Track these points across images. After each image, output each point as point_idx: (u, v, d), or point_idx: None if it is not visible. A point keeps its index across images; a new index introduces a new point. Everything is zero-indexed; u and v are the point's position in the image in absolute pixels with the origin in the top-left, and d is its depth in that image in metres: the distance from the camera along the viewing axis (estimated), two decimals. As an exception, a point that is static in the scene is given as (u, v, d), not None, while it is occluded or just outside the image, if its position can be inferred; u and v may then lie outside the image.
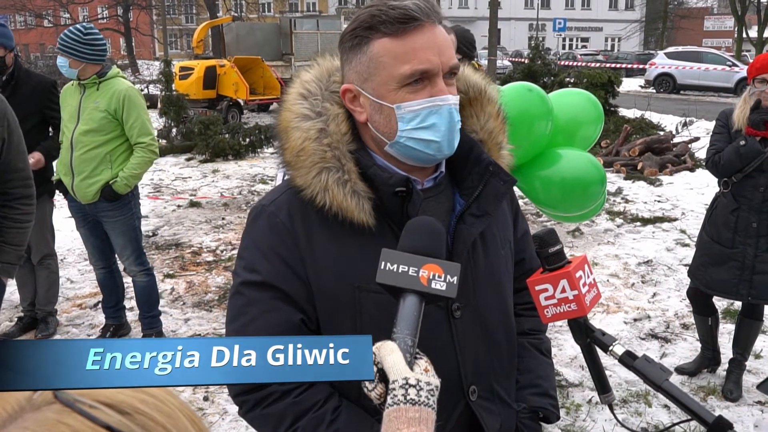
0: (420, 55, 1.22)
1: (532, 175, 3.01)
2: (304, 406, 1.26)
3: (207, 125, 12.14)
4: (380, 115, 1.28)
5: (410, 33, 1.22)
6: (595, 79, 12.75)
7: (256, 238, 1.35)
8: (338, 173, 1.26)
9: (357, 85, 1.28)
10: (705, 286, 3.94)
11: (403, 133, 1.26)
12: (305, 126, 1.29)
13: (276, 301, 1.30)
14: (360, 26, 1.25)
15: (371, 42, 1.24)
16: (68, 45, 4.02)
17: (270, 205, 1.35)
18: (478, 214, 1.35)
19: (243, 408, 1.31)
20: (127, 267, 4.47)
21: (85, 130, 4.09)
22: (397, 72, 1.23)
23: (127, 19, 43.48)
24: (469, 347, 1.36)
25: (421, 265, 1.04)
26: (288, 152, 1.31)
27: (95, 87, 4.13)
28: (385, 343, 0.99)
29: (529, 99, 2.93)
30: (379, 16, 1.22)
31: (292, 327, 1.29)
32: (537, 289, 1.30)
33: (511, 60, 34.16)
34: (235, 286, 1.35)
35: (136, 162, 4.17)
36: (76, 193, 4.21)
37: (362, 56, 1.26)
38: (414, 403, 0.93)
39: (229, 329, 1.34)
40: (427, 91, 1.24)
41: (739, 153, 3.67)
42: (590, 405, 3.87)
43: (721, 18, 50.07)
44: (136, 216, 4.40)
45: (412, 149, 1.28)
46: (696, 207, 8.18)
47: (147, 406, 0.58)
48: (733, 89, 23.49)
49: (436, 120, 1.25)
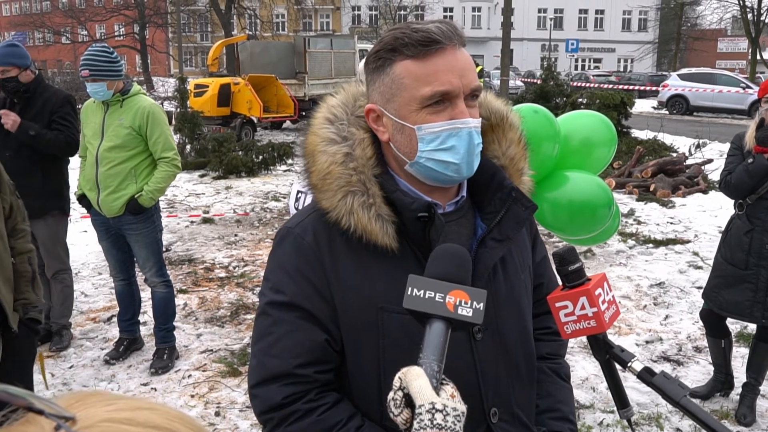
0: (441, 77, 1.24)
1: (540, 197, 3.02)
2: (327, 424, 1.27)
3: (221, 142, 12.24)
4: (401, 135, 1.30)
5: (432, 55, 1.25)
6: (607, 100, 12.75)
7: (281, 259, 1.37)
8: (363, 197, 1.29)
9: (380, 106, 1.31)
10: (719, 308, 3.93)
11: (422, 153, 1.28)
12: (331, 150, 1.32)
13: (301, 321, 1.31)
14: (383, 48, 1.28)
15: (394, 64, 1.27)
16: (102, 69, 4.11)
17: (296, 228, 1.37)
18: (500, 239, 1.37)
19: (267, 426, 1.32)
20: (148, 278, 4.54)
21: (110, 146, 4.19)
22: (419, 93, 1.25)
23: (143, 36, 44.00)
24: (489, 370, 1.37)
25: (447, 291, 1.06)
26: (314, 175, 1.33)
27: (119, 104, 4.22)
28: (412, 369, 1.01)
29: (536, 121, 2.94)
30: (402, 38, 1.25)
31: (317, 347, 1.31)
32: (557, 306, 1.32)
33: (523, 80, 34.21)
34: (261, 307, 1.37)
35: (161, 176, 4.28)
36: (102, 208, 4.29)
37: (385, 77, 1.29)
38: (440, 428, 0.93)
39: (255, 349, 1.36)
40: (447, 112, 1.27)
41: (748, 171, 3.69)
42: (601, 427, 3.85)
43: (734, 40, 49.99)
44: (159, 228, 4.51)
45: (431, 170, 1.30)
46: (709, 229, 8.14)
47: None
48: (747, 111, 23.34)
49: (455, 142, 1.27)
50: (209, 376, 4.43)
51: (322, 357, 1.32)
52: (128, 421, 0.56)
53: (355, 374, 1.34)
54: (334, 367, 1.34)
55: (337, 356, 1.34)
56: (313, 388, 1.30)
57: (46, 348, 4.79)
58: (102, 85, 4.12)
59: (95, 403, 0.59)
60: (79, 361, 4.67)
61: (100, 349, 4.85)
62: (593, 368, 4.47)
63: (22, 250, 2.55)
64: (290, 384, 1.29)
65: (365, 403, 1.33)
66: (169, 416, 0.60)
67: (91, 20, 45.68)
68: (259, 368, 1.33)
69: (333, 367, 1.34)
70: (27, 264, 2.56)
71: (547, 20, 52.20)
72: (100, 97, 4.18)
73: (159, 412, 0.60)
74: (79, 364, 4.63)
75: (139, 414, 0.58)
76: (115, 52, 4.31)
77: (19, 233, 2.56)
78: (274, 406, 1.30)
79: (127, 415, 0.57)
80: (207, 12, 48.90)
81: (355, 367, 1.33)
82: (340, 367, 1.35)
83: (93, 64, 4.10)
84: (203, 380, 4.38)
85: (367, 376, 1.32)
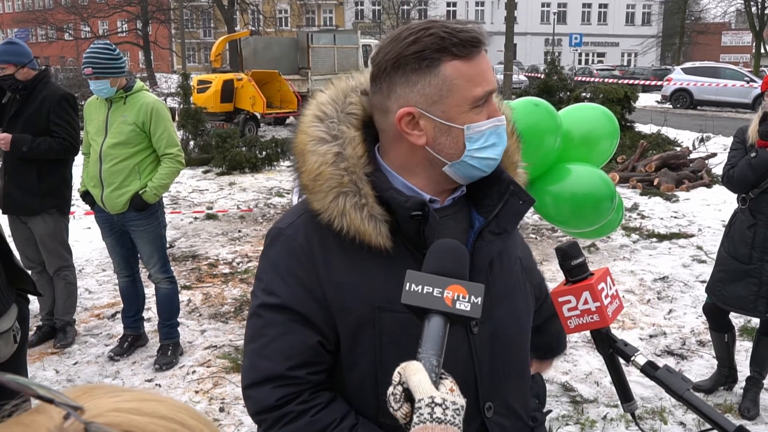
0: (488, 76, 1.26)
1: (542, 190, 3.00)
2: (321, 424, 1.27)
3: (224, 138, 12.26)
4: (447, 137, 1.28)
5: (477, 56, 1.25)
6: (611, 94, 12.72)
7: (274, 260, 1.36)
8: (355, 197, 1.27)
9: (422, 109, 1.26)
10: (722, 302, 3.93)
11: (469, 152, 1.28)
12: (322, 150, 1.30)
13: (293, 324, 1.31)
14: (428, 48, 1.23)
15: (442, 64, 1.24)
16: (105, 66, 4.11)
17: (287, 229, 1.36)
18: (498, 232, 1.37)
19: (261, 426, 1.33)
20: (153, 274, 4.55)
21: (113, 143, 4.20)
22: (471, 94, 1.25)
23: (146, 32, 44.01)
24: (485, 363, 1.37)
25: (445, 286, 1.06)
26: (305, 175, 1.32)
27: (122, 101, 4.22)
28: (411, 363, 1.01)
29: (537, 114, 2.92)
30: (449, 38, 1.22)
31: (309, 349, 1.31)
32: (560, 301, 1.32)
33: (526, 75, 34.17)
34: (253, 308, 1.37)
35: (165, 172, 4.29)
36: (106, 204, 4.30)
37: (433, 78, 1.24)
38: (440, 421, 0.94)
39: (248, 349, 1.36)
40: (486, 111, 1.28)
41: (751, 165, 3.69)
42: (605, 421, 3.85)
43: (738, 33, 49.86)
44: (162, 225, 4.52)
45: (473, 168, 1.30)
46: (713, 223, 8.13)
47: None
48: (751, 105, 23.28)
49: (496, 140, 1.29)
50: (213, 372, 4.44)
51: (314, 359, 1.31)
52: (135, 411, 0.57)
53: (351, 373, 1.33)
54: (327, 368, 1.34)
55: (331, 357, 1.34)
56: (306, 389, 1.30)
57: (50, 344, 4.81)
58: (105, 82, 4.13)
59: (101, 394, 0.59)
60: (84, 357, 4.69)
61: (104, 345, 4.87)
62: (597, 362, 4.48)
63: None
64: (283, 386, 1.29)
65: (361, 401, 1.33)
66: (175, 407, 0.60)
67: (94, 16, 45.68)
68: (251, 370, 1.33)
69: (326, 368, 1.34)
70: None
71: (551, 14, 52.18)
72: (104, 95, 4.19)
73: (165, 403, 0.60)
74: (84, 360, 4.65)
75: (146, 405, 0.58)
76: (117, 49, 4.31)
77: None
78: (267, 408, 1.30)
79: (134, 406, 0.57)
80: (210, 8, 48.91)
81: (352, 366, 1.33)
82: (334, 367, 1.35)
83: (96, 61, 4.10)
84: (207, 376, 4.40)
85: (363, 375, 1.32)
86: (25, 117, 4.42)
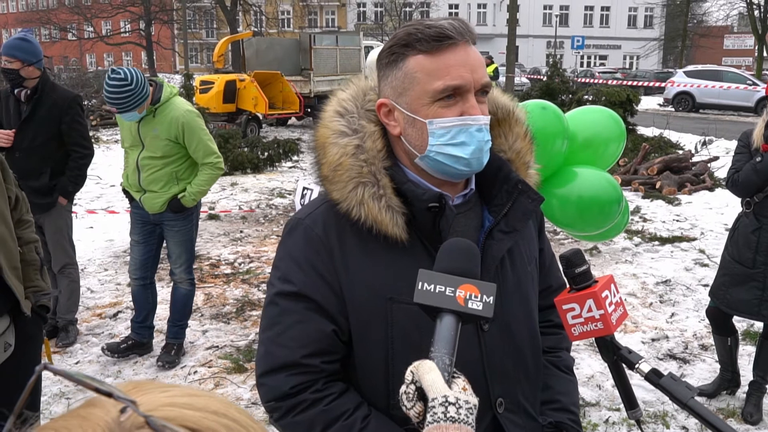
0: (453, 71, 1.27)
1: (549, 193, 3.01)
2: (334, 414, 1.29)
3: (226, 139, 12.25)
4: (413, 129, 1.32)
5: (444, 51, 1.27)
6: (613, 97, 12.70)
7: (291, 249, 1.39)
8: (374, 188, 1.31)
9: (392, 100, 1.33)
10: (726, 306, 3.92)
11: (433, 147, 1.31)
12: (342, 142, 1.34)
13: (309, 312, 1.33)
14: (397, 43, 1.31)
15: (407, 58, 1.30)
16: (127, 102, 3.96)
17: (306, 218, 1.39)
18: (507, 231, 1.39)
19: (274, 414, 1.34)
20: (176, 273, 4.58)
21: (150, 155, 4.23)
22: (431, 87, 1.28)
23: (149, 33, 44.09)
24: (496, 360, 1.38)
25: (457, 285, 1.07)
26: (325, 167, 1.35)
27: (151, 114, 4.18)
28: (424, 362, 1.01)
29: (544, 117, 2.93)
30: (415, 34, 1.28)
31: (325, 337, 1.33)
32: (564, 309, 1.32)
33: (528, 77, 34.15)
34: (269, 296, 1.39)
35: (204, 179, 4.33)
36: (144, 204, 4.36)
37: (398, 72, 1.31)
38: (454, 420, 0.94)
39: (263, 337, 1.38)
40: (458, 107, 1.29)
41: (756, 169, 3.68)
42: (607, 425, 3.84)
43: (741, 37, 49.75)
44: (196, 227, 4.58)
45: (441, 164, 1.32)
46: (715, 227, 8.12)
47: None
48: (753, 108, 23.30)
49: (465, 138, 1.29)
50: (215, 373, 4.44)
51: (329, 347, 1.34)
52: (188, 406, 0.57)
53: (363, 364, 1.35)
54: (341, 357, 1.36)
55: (344, 346, 1.36)
56: (320, 378, 1.32)
57: (53, 343, 4.80)
58: (132, 112, 4.06)
59: (152, 389, 0.60)
60: (85, 356, 4.69)
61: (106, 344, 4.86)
62: (599, 366, 4.47)
63: (29, 240, 2.58)
64: (298, 374, 1.31)
65: (372, 392, 1.35)
66: (225, 403, 0.61)
67: (97, 17, 45.81)
68: (267, 357, 1.35)
69: (340, 357, 1.36)
70: (34, 253, 2.59)
71: (553, 17, 52.12)
72: (135, 119, 4.16)
73: (215, 398, 0.61)
74: (85, 359, 4.65)
75: (197, 400, 0.59)
76: (134, 77, 3.98)
77: (24, 224, 2.60)
78: (281, 396, 1.32)
79: (187, 401, 0.58)
80: (212, 8, 48.97)
81: (363, 357, 1.35)
82: (347, 357, 1.37)
83: (116, 101, 3.95)
84: (209, 376, 4.39)
85: (375, 366, 1.34)
86: (36, 121, 4.43)
